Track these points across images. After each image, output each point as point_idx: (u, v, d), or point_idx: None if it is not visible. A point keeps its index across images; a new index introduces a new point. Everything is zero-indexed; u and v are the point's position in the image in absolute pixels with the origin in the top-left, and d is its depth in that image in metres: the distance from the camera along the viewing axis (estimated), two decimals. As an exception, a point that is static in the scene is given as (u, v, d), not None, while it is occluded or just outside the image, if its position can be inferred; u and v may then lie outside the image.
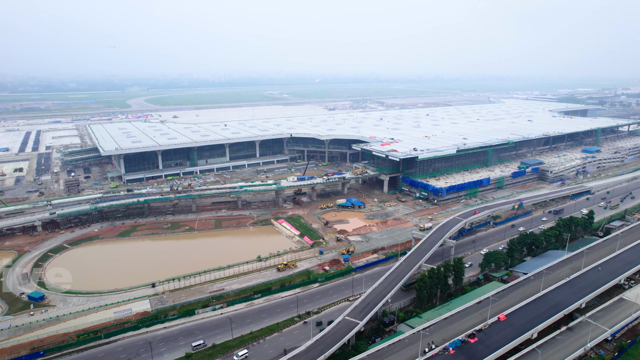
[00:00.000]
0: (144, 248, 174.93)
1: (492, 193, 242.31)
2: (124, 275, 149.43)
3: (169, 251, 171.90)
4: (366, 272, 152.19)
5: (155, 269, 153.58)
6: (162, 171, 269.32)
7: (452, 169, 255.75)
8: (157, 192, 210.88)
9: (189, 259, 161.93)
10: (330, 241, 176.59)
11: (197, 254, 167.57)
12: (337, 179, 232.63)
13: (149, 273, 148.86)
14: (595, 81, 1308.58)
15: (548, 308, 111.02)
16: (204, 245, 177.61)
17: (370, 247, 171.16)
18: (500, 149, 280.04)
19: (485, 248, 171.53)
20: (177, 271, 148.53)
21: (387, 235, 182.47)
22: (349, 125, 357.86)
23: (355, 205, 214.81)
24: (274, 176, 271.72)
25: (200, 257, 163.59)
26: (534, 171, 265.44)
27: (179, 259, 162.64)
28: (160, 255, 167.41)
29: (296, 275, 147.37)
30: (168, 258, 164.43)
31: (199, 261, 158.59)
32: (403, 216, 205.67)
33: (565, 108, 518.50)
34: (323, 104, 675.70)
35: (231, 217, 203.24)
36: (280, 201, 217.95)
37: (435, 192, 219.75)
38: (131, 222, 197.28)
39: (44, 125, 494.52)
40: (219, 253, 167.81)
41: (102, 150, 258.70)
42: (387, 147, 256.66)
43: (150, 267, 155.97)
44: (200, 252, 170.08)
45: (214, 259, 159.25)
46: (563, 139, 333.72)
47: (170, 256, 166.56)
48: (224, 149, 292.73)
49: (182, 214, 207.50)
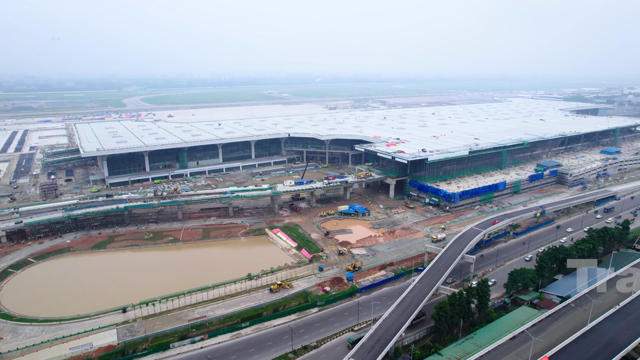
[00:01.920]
0: (119, 263, 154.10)
1: (508, 198, 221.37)
2: (92, 296, 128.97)
3: (148, 266, 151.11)
4: (373, 293, 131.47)
5: (130, 288, 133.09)
6: (149, 174, 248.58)
7: (463, 171, 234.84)
8: (139, 198, 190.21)
9: (170, 277, 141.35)
10: (332, 255, 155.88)
11: (179, 271, 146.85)
12: (338, 183, 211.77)
13: (122, 294, 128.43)
14: (597, 81, 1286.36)
15: (600, 347, 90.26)
16: (188, 259, 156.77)
17: (376, 262, 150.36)
18: (514, 150, 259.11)
19: (508, 262, 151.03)
20: (155, 291, 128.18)
21: (396, 248, 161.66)
22: (351, 124, 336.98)
23: (358, 212, 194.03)
24: (270, 179, 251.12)
25: (182, 275, 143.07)
26: (552, 174, 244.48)
27: (157, 277, 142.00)
28: (137, 272, 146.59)
29: (292, 298, 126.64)
30: (146, 275, 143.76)
31: (180, 279, 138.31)
32: (412, 225, 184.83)
33: (576, 107, 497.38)
34: (323, 103, 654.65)
35: (221, 226, 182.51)
36: (275, 208, 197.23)
37: (448, 198, 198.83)
38: (109, 231, 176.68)
39: (32, 124, 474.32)
40: (204, 269, 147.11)
41: (82, 150, 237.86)
42: (393, 147, 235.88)
43: (124, 286, 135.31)
44: (183, 268, 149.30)
45: (197, 277, 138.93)
46: (579, 139, 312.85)
47: (149, 273, 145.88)
48: (217, 150, 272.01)
49: (166, 222, 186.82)
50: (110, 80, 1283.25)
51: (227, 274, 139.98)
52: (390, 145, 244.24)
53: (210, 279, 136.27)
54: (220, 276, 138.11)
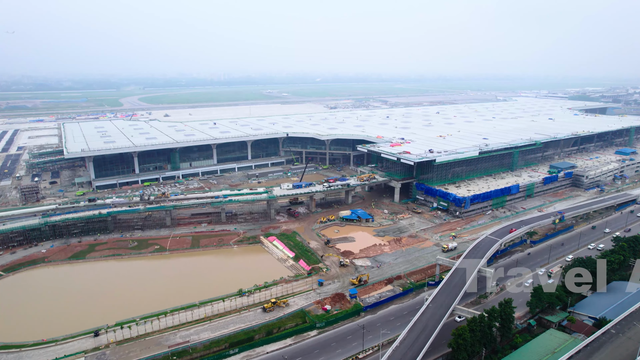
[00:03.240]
0: (98, 275, 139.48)
1: (521, 202, 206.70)
2: (63, 316, 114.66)
3: (129, 280, 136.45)
4: (379, 312, 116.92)
5: (107, 306, 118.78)
6: (138, 176, 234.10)
7: (473, 173, 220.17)
8: (124, 203, 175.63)
9: (152, 292, 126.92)
10: (332, 266, 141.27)
11: (164, 285, 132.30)
12: (340, 186, 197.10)
13: (97, 313, 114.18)
14: (600, 81, 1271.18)
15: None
16: (174, 271, 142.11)
17: (382, 275, 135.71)
18: (525, 151, 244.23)
19: (527, 275, 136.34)
20: (134, 310, 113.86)
21: (403, 259, 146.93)
22: (353, 123, 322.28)
23: (361, 218, 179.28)
24: (267, 182, 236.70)
25: (166, 289, 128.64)
26: (566, 176, 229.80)
27: (139, 292, 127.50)
28: (116, 287, 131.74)
29: (287, 318, 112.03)
30: (126, 290, 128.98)
31: (164, 295, 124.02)
32: (420, 232, 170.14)
33: (584, 106, 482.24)
34: (324, 103, 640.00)
35: (212, 234, 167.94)
36: (272, 213, 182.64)
37: (458, 203, 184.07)
38: (90, 239, 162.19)
39: (24, 124, 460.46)
40: (190, 283, 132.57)
41: (66, 151, 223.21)
42: (398, 148, 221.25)
43: (101, 304, 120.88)
44: (168, 281, 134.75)
45: (183, 292, 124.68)
46: (592, 139, 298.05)
47: (129, 288, 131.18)
48: (211, 151, 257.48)
49: (153, 229, 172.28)
50: (109, 80, 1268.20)
51: (217, 288, 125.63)
52: (394, 145, 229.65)
53: (197, 295, 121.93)
54: (209, 291, 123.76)
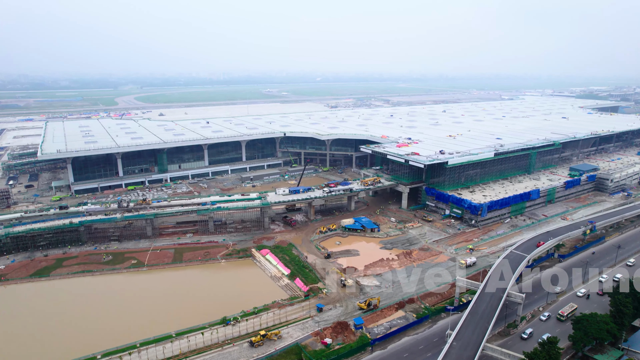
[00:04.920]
0: (61, 297, 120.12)
1: (541, 209, 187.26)
2: (9, 350, 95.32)
3: (96, 303, 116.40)
4: (390, 346, 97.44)
5: (63, 339, 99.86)
6: (122, 179, 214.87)
7: (487, 177, 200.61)
8: (99, 211, 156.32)
9: (121, 319, 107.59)
10: (333, 286, 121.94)
11: (136, 309, 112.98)
12: (342, 191, 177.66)
13: (49, 349, 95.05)
14: (603, 80, 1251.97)
15: None
16: (149, 292, 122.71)
17: (392, 297, 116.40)
18: (542, 152, 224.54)
19: (561, 298, 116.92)
20: (95, 343, 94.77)
21: (415, 277, 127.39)
22: (355, 122, 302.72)
23: (366, 227, 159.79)
24: (262, 186, 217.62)
25: (138, 316, 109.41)
26: (589, 180, 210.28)
27: (105, 320, 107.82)
28: (79, 312, 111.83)
29: (280, 355, 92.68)
30: (89, 317, 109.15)
31: (134, 323, 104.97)
32: (432, 244, 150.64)
33: (595, 105, 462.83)
34: (324, 102, 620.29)
35: (197, 246, 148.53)
36: (266, 222, 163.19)
37: (474, 210, 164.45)
38: (59, 252, 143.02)
39: (12, 123, 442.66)
40: (168, 306, 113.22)
41: (40, 152, 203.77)
42: (406, 149, 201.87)
43: (55, 336, 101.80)
44: (142, 305, 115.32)
45: (158, 319, 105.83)
46: (611, 139, 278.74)
47: (94, 314, 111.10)
48: (202, 152, 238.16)
49: (132, 239, 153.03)
50: (107, 80, 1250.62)
51: (198, 314, 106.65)
52: (401, 145, 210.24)
53: (173, 322, 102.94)
54: (188, 318, 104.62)
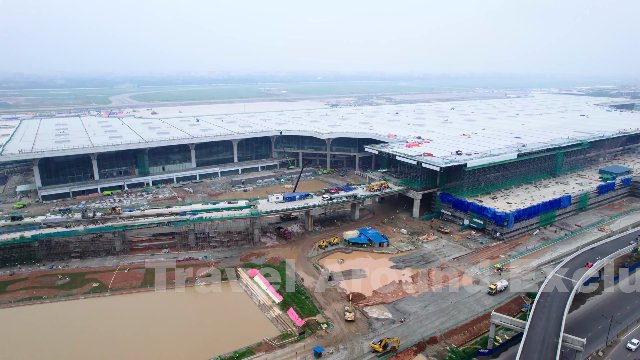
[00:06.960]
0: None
1: (572, 218, 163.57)
2: None
3: (39, 344, 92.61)
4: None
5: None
6: (97, 183, 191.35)
7: (509, 181, 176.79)
8: (59, 222, 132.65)
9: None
10: (335, 318, 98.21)
11: (87, 352, 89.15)
12: (344, 198, 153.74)
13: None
14: (607, 79, 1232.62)
15: None
16: (107, 327, 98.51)
17: (409, 334, 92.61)
18: (568, 153, 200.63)
19: (622, 337, 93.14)
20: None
21: (435, 306, 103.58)
22: (358, 120, 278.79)
23: (373, 241, 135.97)
24: (254, 190, 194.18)
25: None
26: (623, 184, 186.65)
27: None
28: (14, 356, 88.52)
29: None
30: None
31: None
32: (452, 262, 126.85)
33: (611, 102, 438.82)
34: (324, 100, 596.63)
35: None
36: (256, 234, 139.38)
37: (499, 221, 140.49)
38: (5, 273, 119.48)
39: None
40: (126, 350, 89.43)
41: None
42: (416, 149, 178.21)
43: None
44: (95, 346, 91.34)
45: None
46: (638, 138, 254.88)
47: (33, 356, 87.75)
48: (189, 152, 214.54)
49: (97, 256, 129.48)
50: (104, 79, 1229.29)
51: None
52: (411, 145, 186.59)
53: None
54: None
